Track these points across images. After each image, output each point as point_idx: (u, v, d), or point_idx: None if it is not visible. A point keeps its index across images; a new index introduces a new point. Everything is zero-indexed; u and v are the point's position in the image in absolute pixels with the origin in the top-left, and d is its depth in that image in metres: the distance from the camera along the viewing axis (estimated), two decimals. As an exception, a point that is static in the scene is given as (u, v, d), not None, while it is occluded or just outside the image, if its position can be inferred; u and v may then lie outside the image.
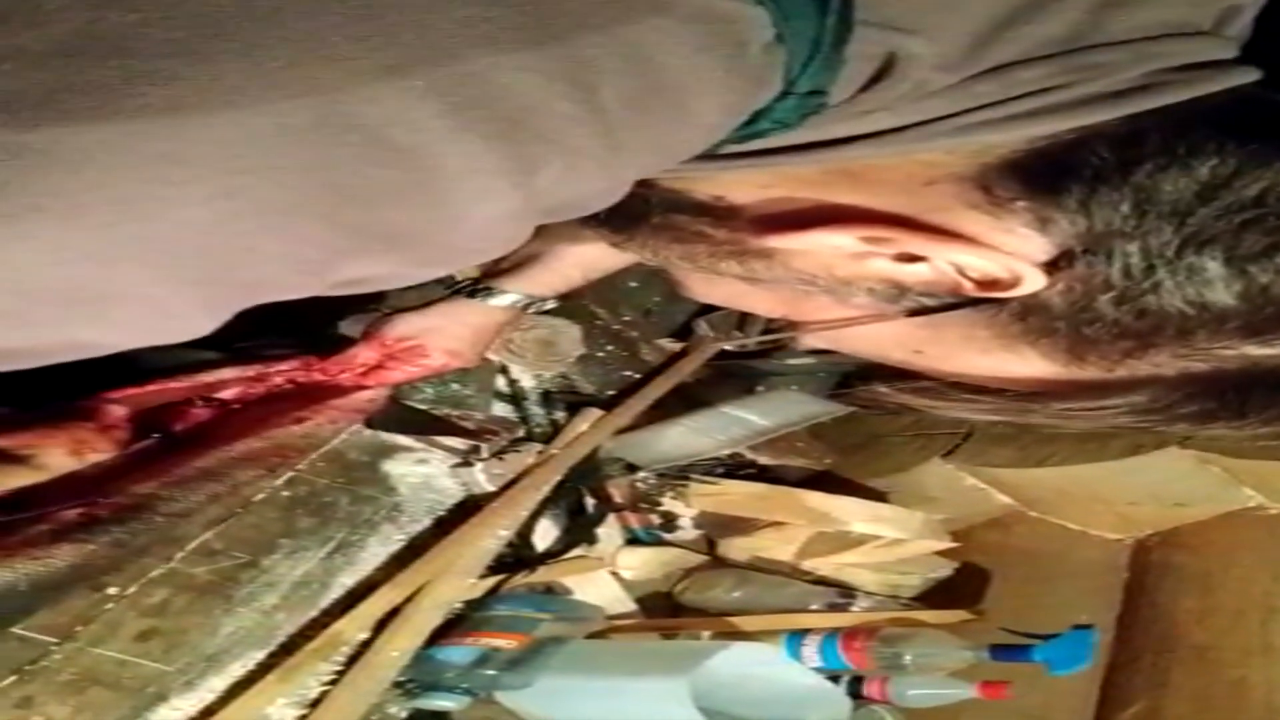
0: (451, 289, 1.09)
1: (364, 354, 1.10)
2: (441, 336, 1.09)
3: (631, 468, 1.27)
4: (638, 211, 0.54)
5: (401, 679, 1.01)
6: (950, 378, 0.58)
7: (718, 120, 0.44)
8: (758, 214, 0.52)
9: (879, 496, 1.35)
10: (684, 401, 1.36)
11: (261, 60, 0.34)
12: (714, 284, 0.59)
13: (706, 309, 1.51)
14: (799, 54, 0.43)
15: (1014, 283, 0.48)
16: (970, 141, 0.45)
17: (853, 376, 1.43)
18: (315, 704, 0.96)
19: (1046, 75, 0.44)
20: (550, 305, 1.10)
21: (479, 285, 1.07)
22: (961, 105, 0.45)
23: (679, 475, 1.30)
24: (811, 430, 1.40)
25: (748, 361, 1.46)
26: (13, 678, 0.85)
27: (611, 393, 1.33)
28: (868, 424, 1.44)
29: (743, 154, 0.49)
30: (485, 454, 1.17)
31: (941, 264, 0.49)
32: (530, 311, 1.10)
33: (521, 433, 1.23)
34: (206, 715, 0.91)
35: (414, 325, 1.09)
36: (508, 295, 1.06)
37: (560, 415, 1.27)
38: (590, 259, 1.05)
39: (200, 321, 0.40)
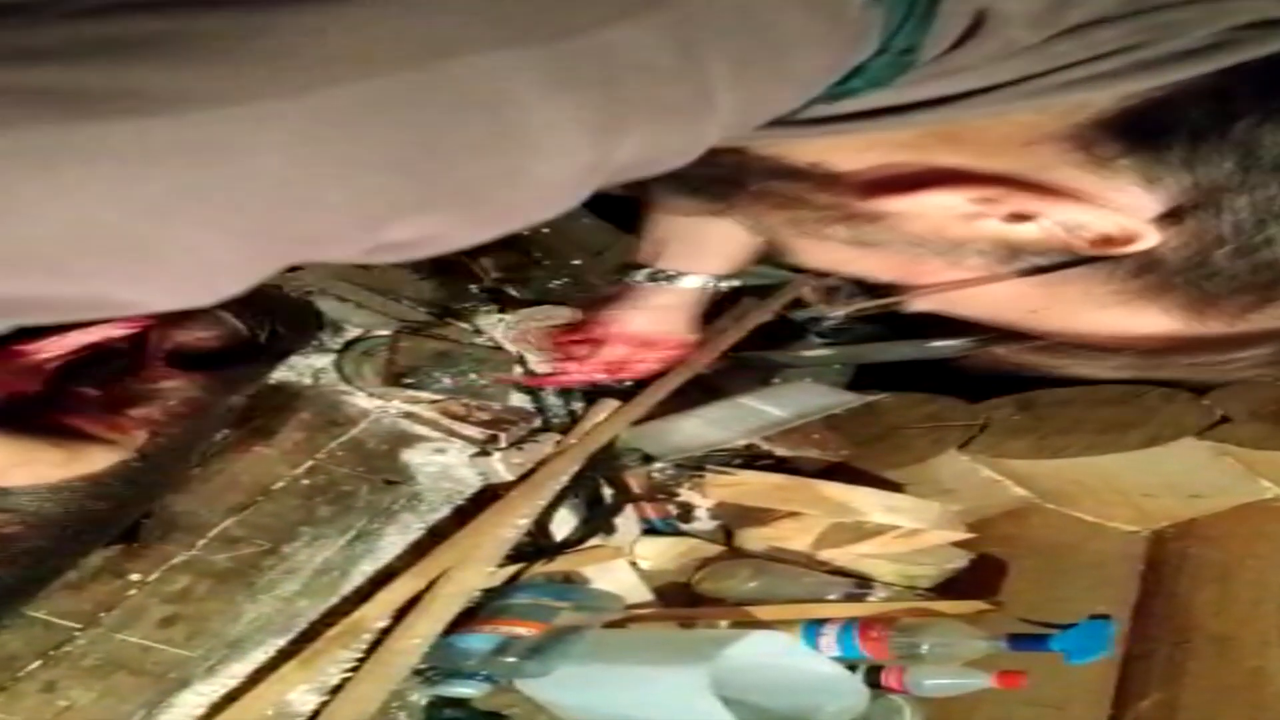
0: (633, 278, 1.13)
1: (612, 351, 1.18)
2: (677, 328, 1.16)
3: (648, 458, 1.27)
4: (733, 179, 0.53)
5: (422, 666, 1.01)
6: (1068, 338, 0.57)
7: (814, 78, 0.45)
8: (861, 178, 0.51)
9: (895, 488, 1.35)
10: (701, 393, 1.36)
11: (362, 25, 0.34)
12: (822, 248, 0.57)
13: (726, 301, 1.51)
14: (896, 12, 0.43)
15: (1128, 240, 0.48)
16: (1058, 101, 0.45)
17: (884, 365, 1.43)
18: (336, 691, 0.96)
19: (1123, 35, 0.44)
20: (731, 284, 1.14)
21: (664, 272, 1.10)
22: (1044, 65, 0.45)
23: (696, 466, 1.30)
24: (827, 422, 1.40)
25: (764, 353, 1.46)
26: (38, 662, 0.86)
27: (628, 383, 1.33)
28: (884, 415, 1.44)
29: (835, 118, 0.48)
30: (504, 443, 1.17)
31: (1053, 223, 0.48)
32: (718, 289, 1.14)
33: (539, 423, 1.23)
34: (229, 701, 0.91)
35: (650, 320, 1.15)
36: (698, 276, 1.10)
37: (577, 406, 1.27)
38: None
39: (235, 282, 0.40)
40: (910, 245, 0.53)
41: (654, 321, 1.15)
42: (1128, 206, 0.47)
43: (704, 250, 1.08)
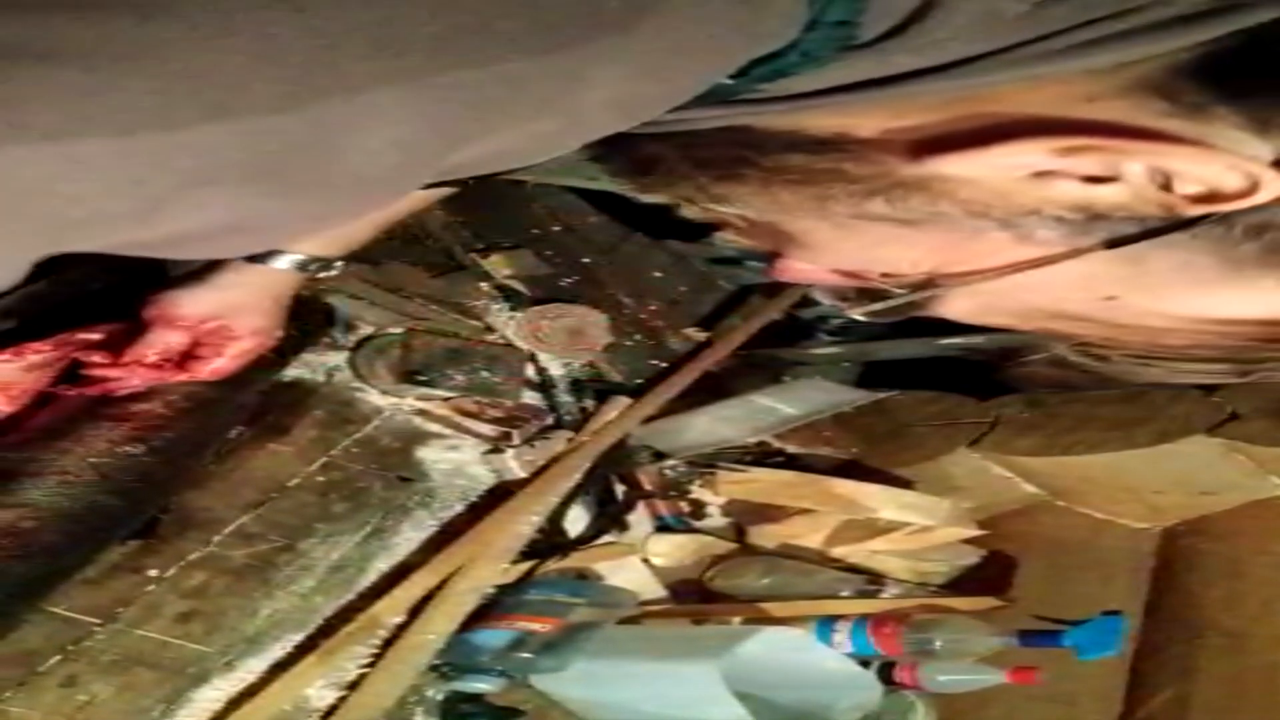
0: None
1: (165, 338, 0.92)
2: (249, 314, 0.93)
3: (660, 456, 1.28)
4: (735, 156, 0.47)
5: (437, 662, 1.01)
6: (1137, 329, 0.48)
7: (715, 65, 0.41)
8: (909, 137, 0.43)
9: (905, 485, 1.35)
10: (711, 391, 1.36)
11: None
12: (848, 234, 0.48)
13: (728, 302, 1.52)
14: None
15: (1248, 190, 0.40)
16: (1063, 68, 0.40)
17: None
18: (353, 686, 0.96)
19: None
20: (336, 268, 0.93)
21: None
22: (1038, 31, 0.39)
23: (707, 463, 1.30)
24: (838, 419, 1.40)
25: (774, 351, 1.47)
26: (58, 657, 0.86)
27: (639, 381, 1.34)
28: (894, 413, 1.44)
29: (810, 94, 0.43)
30: (516, 441, 1.18)
31: (1146, 179, 0.41)
32: (319, 274, 0.94)
33: (551, 420, 1.23)
34: (247, 696, 0.92)
35: (211, 301, 0.91)
36: (292, 255, 0.90)
37: (589, 403, 1.28)
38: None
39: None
40: (968, 218, 0.44)
41: (228, 304, 0.91)
42: (1240, 152, 0.39)
43: None
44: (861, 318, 0.53)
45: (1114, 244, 0.43)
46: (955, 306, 0.50)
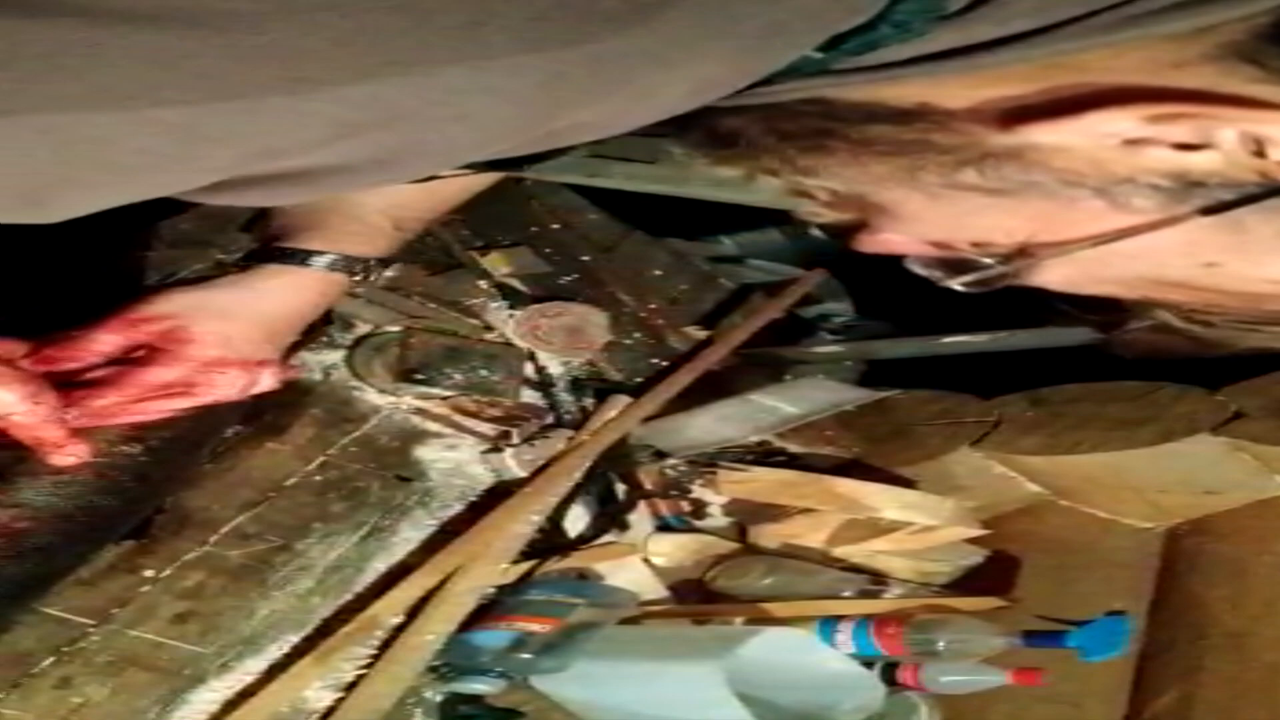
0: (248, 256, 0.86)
1: (104, 337, 0.83)
2: (213, 318, 0.85)
3: (661, 455, 1.27)
4: (821, 129, 0.47)
5: (436, 663, 1.00)
6: (1240, 295, 0.48)
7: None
8: (997, 107, 0.44)
9: (908, 485, 1.34)
10: (712, 390, 1.35)
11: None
12: (941, 204, 0.48)
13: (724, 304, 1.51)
14: None
15: None
16: (1152, 31, 0.40)
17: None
18: (351, 687, 0.95)
19: None
20: (375, 274, 0.90)
21: (281, 249, 0.85)
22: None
23: (708, 462, 1.29)
24: (840, 419, 1.39)
25: (775, 350, 1.46)
26: (51, 659, 0.85)
27: (639, 380, 1.33)
28: (896, 412, 1.43)
29: (894, 64, 0.43)
30: (515, 440, 1.17)
31: (1238, 146, 0.41)
32: (356, 277, 0.91)
33: (551, 419, 1.22)
34: (244, 698, 0.91)
35: (178, 302, 0.84)
36: (325, 256, 0.86)
37: (589, 402, 1.27)
38: (399, 202, 0.87)
39: None
40: (1062, 186, 0.45)
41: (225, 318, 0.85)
42: None
43: (345, 228, 0.88)
44: (960, 289, 0.52)
45: (1210, 211, 0.43)
46: (1053, 275, 0.50)
